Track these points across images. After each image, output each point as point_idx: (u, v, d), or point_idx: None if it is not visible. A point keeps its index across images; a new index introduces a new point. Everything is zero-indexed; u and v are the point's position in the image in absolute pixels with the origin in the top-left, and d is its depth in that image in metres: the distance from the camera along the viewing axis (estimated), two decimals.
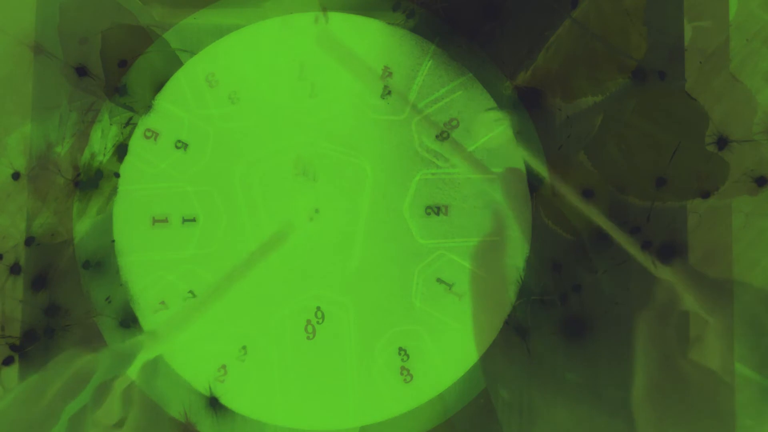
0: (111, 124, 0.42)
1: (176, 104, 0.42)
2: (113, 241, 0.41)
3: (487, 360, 0.40)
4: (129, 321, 0.41)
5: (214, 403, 0.41)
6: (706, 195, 0.41)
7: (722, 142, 0.40)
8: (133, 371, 0.40)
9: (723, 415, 0.36)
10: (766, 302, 0.40)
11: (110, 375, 0.38)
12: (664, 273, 0.39)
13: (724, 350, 0.36)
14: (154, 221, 0.42)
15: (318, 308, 0.41)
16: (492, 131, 0.42)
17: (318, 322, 0.41)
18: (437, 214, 0.41)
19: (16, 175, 0.42)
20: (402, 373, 0.41)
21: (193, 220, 0.42)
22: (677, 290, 0.38)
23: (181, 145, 0.42)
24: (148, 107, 0.42)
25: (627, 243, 0.39)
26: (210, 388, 0.41)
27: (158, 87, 0.42)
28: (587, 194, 0.41)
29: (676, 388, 0.36)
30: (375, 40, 0.42)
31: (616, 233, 0.40)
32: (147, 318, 0.41)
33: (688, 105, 0.41)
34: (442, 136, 0.42)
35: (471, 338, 0.41)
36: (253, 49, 0.42)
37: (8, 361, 0.41)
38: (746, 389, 0.36)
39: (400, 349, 0.41)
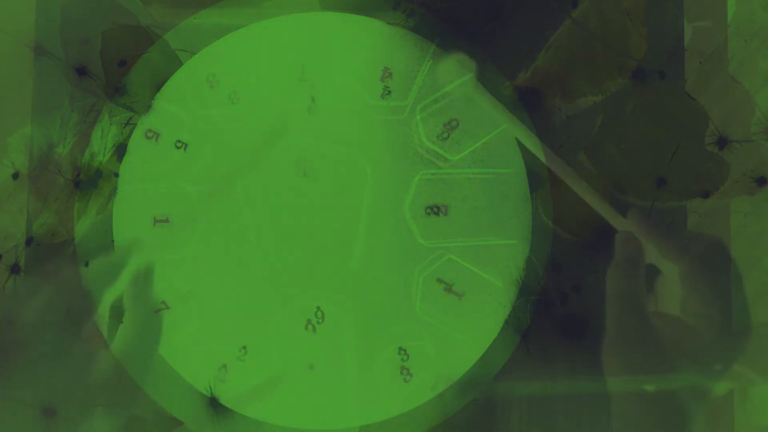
0: (111, 124, 0.42)
1: (176, 104, 0.42)
2: (113, 241, 0.42)
3: (486, 360, 0.40)
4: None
5: (214, 403, 0.41)
6: (706, 195, 0.41)
7: (722, 142, 0.40)
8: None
9: (690, 360, 0.36)
10: (765, 302, 0.40)
11: None
12: (624, 225, 0.39)
13: (687, 295, 0.37)
14: (155, 221, 0.42)
15: (318, 308, 0.41)
16: (492, 131, 0.42)
17: (318, 322, 0.41)
18: (437, 214, 0.41)
19: (16, 175, 0.42)
20: (402, 373, 0.41)
21: (193, 220, 0.42)
22: (638, 241, 0.38)
23: (181, 145, 0.42)
24: (148, 107, 0.42)
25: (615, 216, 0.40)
26: (210, 388, 0.41)
27: (158, 87, 0.42)
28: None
29: (643, 338, 0.37)
30: (375, 40, 0.42)
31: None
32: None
33: (688, 105, 0.41)
34: (442, 136, 0.42)
35: (471, 338, 0.41)
36: (253, 49, 0.43)
37: None
38: (712, 334, 0.36)
39: (400, 348, 0.41)
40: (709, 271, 0.37)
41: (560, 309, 0.40)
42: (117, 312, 0.41)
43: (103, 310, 0.41)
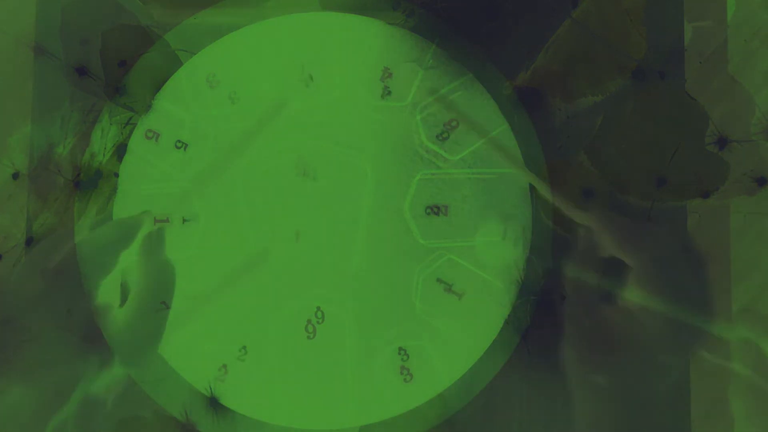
0: (111, 124, 0.42)
1: (176, 104, 0.42)
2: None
3: (486, 360, 0.40)
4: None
5: (214, 403, 0.41)
6: (706, 195, 0.41)
7: (722, 142, 0.40)
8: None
9: (640, 354, 0.37)
10: (766, 302, 0.40)
11: None
12: (582, 218, 0.39)
13: (640, 290, 0.37)
14: (156, 221, 0.42)
15: (318, 308, 0.41)
16: (492, 131, 0.42)
17: (318, 322, 0.41)
18: (437, 214, 0.41)
19: (16, 175, 0.42)
20: (402, 373, 0.41)
21: (193, 220, 0.42)
22: (595, 235, 0.38)
23: (181, 145, 0.42)
24: (148, 107, 0.42)
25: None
26: (210, 388, 0.41)
27: (158, 87, 0.42)
28: (587, 194, 0.41)
29: (596, 332, 0.37)
30: (375, 40, 0.42)
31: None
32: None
33: (688, 105, 0.41)
34: (442, 136, 0.42)
35: (471, 338, 0.41)
36: (253, 49, 0.43)
37: None
38: (663, 328, 0.37)
39: (400, 348, 0.41)
40: (664, 265, 0.37)
41: (560, 309, 0.40)
42: (117, 312, 0.41)
43: (103, 310, 0.41)
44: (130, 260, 0.40)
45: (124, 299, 0.40)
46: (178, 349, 0.41)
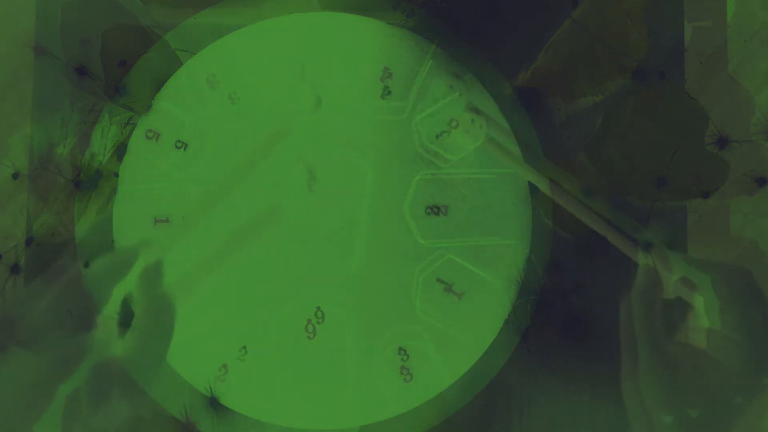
0: (111, 125, 0.42)
1: (176, 104, 0.42)
2: (113, 240, 0.42)
3: (486, 360, 0.40)
4: (129, 320, 0.41)
5: (214, 403, 0.41)
6: (706, 195, 0.41)
7: (722, 142, 0.40)
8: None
9: (714, 394, 0.36)
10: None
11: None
12: (644, 258, 0.39)
13: (711, 328, 0.37)
14: (155, 221, 0.42)
15: (318, 308, 0.41)
16: (492, 131, 0.42)
17: (318, 322, 0.41)
18: (437, 214, 0.41)
19: (16, 175, 0.42)
20: (402, 373, 0.41)
21: (193, 220, 0.42)
22: (659, 274, 0.38)
23: (181, 145, 0.42)
24: (148, 107, 0.42)
25: (626, 243, 0.39)
26: (210, 388, 0.41)
27: (158, 87, 0.42)
28: (587, 194, 0.41)
29: (666, 372, 0.36)
30: (375, 40, 0.42)
31: (616, 233, 0.40)
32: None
33: (688, 105, 0.41)
34: (442, 136, 0.42)
35: (471, 338, 0.41)
36: (253, 49, 0.43)
37: None
38: (736, 366, 0.36)
39: (400, 348, 0.41)
40: (734, 304, 0.36)
41: (560, 309, 0.40)
42: (118, 313, 0.41)
43: (103, 310, 0.41)
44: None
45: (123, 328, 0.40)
46: (178, 349, 0.41)
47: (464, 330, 0.41)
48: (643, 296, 0.38)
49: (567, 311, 0.40)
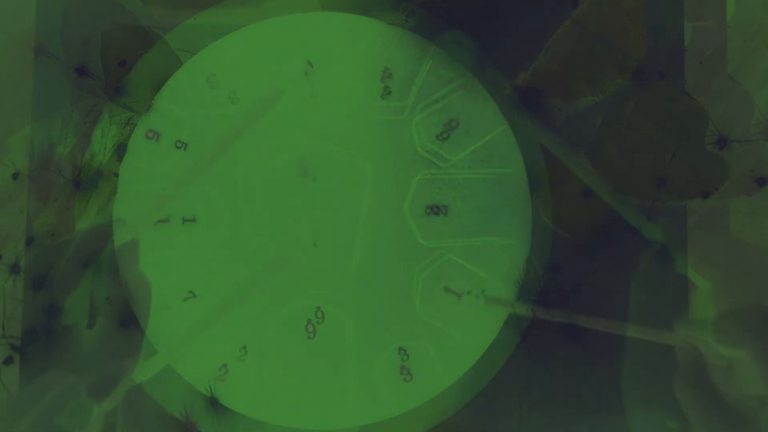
0: (111, 125, 0.42)
1: (176, 104, 0.42)
2: (113, 241, 0.42)
3: (486, 360, 0.40)
4: (129, 321, 0.41)
5: (214, 403, 0.41)
6: (706, 195, 0.41)
7: (722, 142, 0.40)
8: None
9: None
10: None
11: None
12: (671, 338, 0.38)
13: (762, 375, 0.36)
14: (156, 221, 0.42)
15: (318, 308, 0.41)
16: (492, 131, 0.42)
17: (318, 322, 0.41)
18: (437, 214, 0.41)
19: (16, 175, 0.42)
20: (402, 373, 0.41)
21: (193, 220, 0.42)
22: (694, 346, 0.38)
23: (181, 145, 0.42)
24: (148, 107, 0.42)
25: (655, 332, 0.39)
26: (210, 388, 0.41)
27: (158, 87, 0.42)
28: (587, 194, 0.41)
29: (722, 424, 0.36)
30: (375, 40, 0.42)
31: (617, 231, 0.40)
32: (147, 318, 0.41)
33: (688, 105, 0.41)
34: (442, 136, 0.42)
35: (471, 338, 0.41)
36: (253, 49, 0.43)
37: (8, 361, 0.41)
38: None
39: (400, 348, 0.41)
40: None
41: (560, 309, 0.40)
42: (118, 313, 0.41)
43: (103, 310, 0.41)
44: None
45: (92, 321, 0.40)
46: (178, 349, 0.41)
47: (464, 330, 0.41)
48: (685, 373, 0.38)
49: (567, 311, 0.40)
